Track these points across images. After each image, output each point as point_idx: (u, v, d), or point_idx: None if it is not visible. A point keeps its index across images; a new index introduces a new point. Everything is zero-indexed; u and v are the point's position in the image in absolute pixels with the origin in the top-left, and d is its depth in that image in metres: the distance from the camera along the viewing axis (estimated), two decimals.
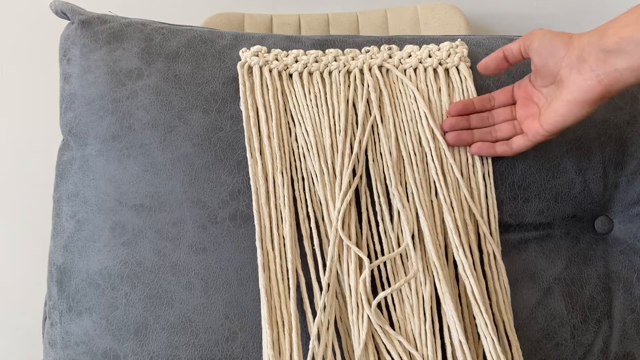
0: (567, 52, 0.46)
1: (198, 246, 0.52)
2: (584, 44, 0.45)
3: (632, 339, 0.55)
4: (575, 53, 0.46)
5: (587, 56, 0.45)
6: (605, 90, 0.45)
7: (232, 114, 0.55)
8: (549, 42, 0.48)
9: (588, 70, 0.45)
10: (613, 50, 0.43)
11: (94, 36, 0.57)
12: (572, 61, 0.46)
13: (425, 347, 0.49)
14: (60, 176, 0.57)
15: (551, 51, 0.47)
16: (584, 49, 0.45)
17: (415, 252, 0.50)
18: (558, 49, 0.47)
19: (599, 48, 0.44)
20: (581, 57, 0.45)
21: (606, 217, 0.58)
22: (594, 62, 0.44)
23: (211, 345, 0.51)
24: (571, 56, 0.46)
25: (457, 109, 0.54)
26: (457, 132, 0.54)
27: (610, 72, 0.44)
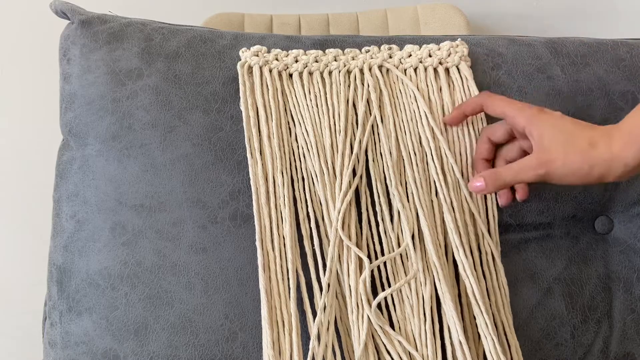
0: (583, 159, 0.45)
1: (198, 246, 0.52)
2: (603, 157, 0.44)
3: (632, 339, 0.55)
4: (586, 142, 0.45)
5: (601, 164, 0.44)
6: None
7: (232, 114, 0.55)
8: (563, 149, 0.46)
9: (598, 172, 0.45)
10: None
11: (93, 36, 0.57)
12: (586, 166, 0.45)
13: (425, 347, 0.49)
14: (60, 176, 0.57)
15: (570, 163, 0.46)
16: (601, 159, 0.44)
17: (415, 252, 0.50)
18: (576, 161, 0.45)
19: (622, 162, 0.44)
20: (591, 145, 0.45)
21: (606, 217, 0.58)
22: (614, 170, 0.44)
23: (211, 345, 0.51)
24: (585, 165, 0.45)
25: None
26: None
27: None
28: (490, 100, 0.51)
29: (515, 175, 0.47)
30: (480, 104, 0.51)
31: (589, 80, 0.58)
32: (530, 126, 0.47)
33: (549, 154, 0.46)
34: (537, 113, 0.47)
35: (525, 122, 0.47)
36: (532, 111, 0.47)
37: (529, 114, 0.47)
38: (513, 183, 0.48)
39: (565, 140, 0.45)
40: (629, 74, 0.58)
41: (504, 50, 0.59)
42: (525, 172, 0.47)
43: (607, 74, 0.58)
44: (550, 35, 0.63)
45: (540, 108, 0.48)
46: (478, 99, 0.52)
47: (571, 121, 0.46)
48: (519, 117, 0.48)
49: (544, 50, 0.59)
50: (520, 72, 0.57)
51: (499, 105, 0.50)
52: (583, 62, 0.58)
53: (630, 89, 0.57)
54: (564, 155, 0.45)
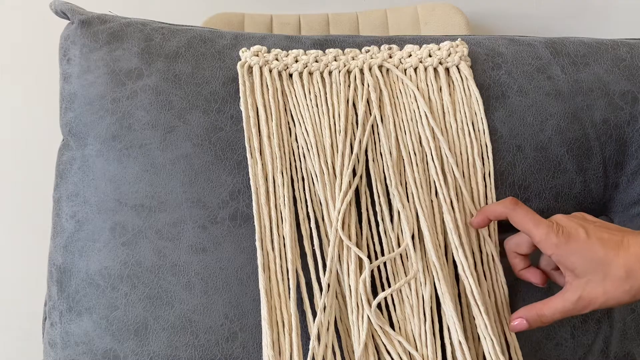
0: (609, 272, 0.43)
1: (198, 246, 0.52)
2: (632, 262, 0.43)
3: (632, 339, 0.55)
4: (623, 273, 0.43)
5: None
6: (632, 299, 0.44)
7: (232, 114, 0.55)
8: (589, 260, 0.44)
9: (628, 287, 0.43)
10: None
11: (93, 36, 0.57)
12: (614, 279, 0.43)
13: (425, 347, 0.49)
14: (60, 176, 0.57)
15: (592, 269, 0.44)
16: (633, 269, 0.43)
17: (415, 252, 0.50)
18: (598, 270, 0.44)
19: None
20: (629, 276, 0.43)
21: (606, 217, 0.58)
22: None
23: (211, 346, 0.51)
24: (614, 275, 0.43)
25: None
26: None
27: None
28: (515, 214, 0.48)
29: (560, 315, 0.46)
30: (506, 215, 0.48)
31: (589, 80, 0.58)
32: (559, 257, 0.45)
33: (588, 293, 0.44)
34: (564, 243, 0.45)
35: (552, 251, 0.45)
36: (558, 239, 0.45)
37: (555, 243, 0.45)
38: (557, 320, 0.47)
39: (601, 274, 0.43)
40: (629, 74, 0.58)
41: (504, 50, 0.59)
42: (568, 311, 0.45)
43: (607, 74, 0.58)
44: (550, 35, 0.63)
45: (565, 231, 0.45)
46: (503, 209, 0.48)
47: (600, 243, 0.44)
48: (544, 244, 0.46)
49: (544, 50, 0.59)
50: (520, 72, 0.57)
51: (524, 223, 0.47)
52: (583, 62, 0.58)
53: (630, 89, 0.57)
54: (603, 293, 0.43)
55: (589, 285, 0.44)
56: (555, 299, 0.46)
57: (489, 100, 0.56)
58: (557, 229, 0.45)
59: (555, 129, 0.56)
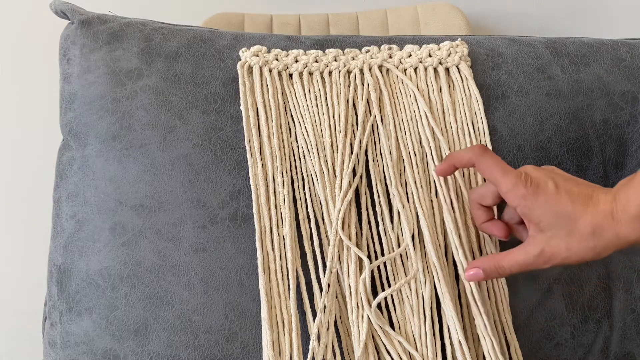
0: (576, 225, 0.42)
1: (198, 246, 0.52)
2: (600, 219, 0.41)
3: (632, 339, 0.55)
4: (589, 229, 0.41)
5: (602, 232, 0.41)
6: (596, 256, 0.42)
7: (232, 114, 0.55)
8: (554, 212, 0.42)
9: (592, 244, 0.42)
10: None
11: (93, 36, 0.57)
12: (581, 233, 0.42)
13: (425, 347, 0.49)
14: (60, 176, 0.57)
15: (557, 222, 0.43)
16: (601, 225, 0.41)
17: (415, 252, 0.50)
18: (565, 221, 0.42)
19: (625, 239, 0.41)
20: (595, 233, 0.41)
21: None
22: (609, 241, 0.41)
23: (211, 346, 0.51)
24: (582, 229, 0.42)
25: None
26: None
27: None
28: (483, 161, 0.46)
29: (519, 268, 0.45)
30: (473, 162, 0.46)
31: (589, 80, 0.58)
32: (525, 210, 0.43)
33: (551, 247, 0.43)
34: (532, 194, 0.43)
35: (518, 203, 0.44)
36: (526, 191, 0.43)
37: (523, 194, 0.43)
38: (515, 273, 0.45)
39: (567, 229, 0.42)
40: (629, 74, 0.58)
41: (504, 50, 0.59)
42: (528, 265, 0.44)
43: (607, 74, 0.58)
44: (550, 35, 0.63)
45: (533, 182, 0.43)
46: (471, 156, 0.46)
47: (568, 196, 0.42)
48: (511, 195, 0.44)
49: (544, 50, 0.59)
50: (520, 72, 0.57)
51: (491, 171, 0.45)
52: (583, 62, 0.58)
53: (630, 89, 0.57)
54: (566, 249, 0.42)
55: (552, 239, 0.43)
56: (515, 250, 0.45)
57: (489, 100, 0.56)
58: (525, 180, 0.43)
59: (555, 129, 0.56)
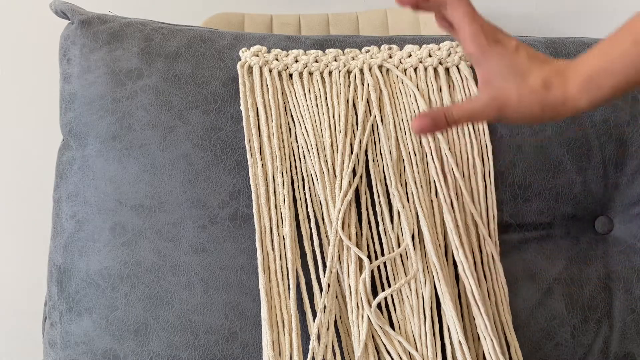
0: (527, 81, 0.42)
1: (198, 246, 0.52)
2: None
3: (632, 339, 0.55)
4: (540, 82, 0.42)
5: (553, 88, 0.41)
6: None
7: (232, 114, 0.55)
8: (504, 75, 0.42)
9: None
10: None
11: (94, 36, 0.57)
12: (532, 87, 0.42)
13: (425, 347, 0.49)
14: (60, 176, 0.57)
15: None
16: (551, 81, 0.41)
17: (415, 252, 0.50)
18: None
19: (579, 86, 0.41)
20: (545, 86, 0.42)
21: (606, 217, 0.58)
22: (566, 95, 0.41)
23: (211, 346, 0.51)
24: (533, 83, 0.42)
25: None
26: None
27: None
28: (453, 4, 0.44)
29: (468, 117, 0.44)
30: (445, 2, 0.44)
31: None
32: (480, 58, 0.43)
33: (502, 94, 0.42)
34: (490, 45, 0.42)
35: (474, 49, 0.43)
36: (486, 41, 0.43)
37: (481, 44, 0.43)
38: (463, 122, 0.45)
39: (518, 79, 0.42)
40: None
41: None
42: (478, 114, 0.44)
43: None
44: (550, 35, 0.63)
45: (495, 37, 0.43)
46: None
47: (526, 55, 0.43)
48: (468, 42, 0.43)
49: (544, 50, 0.59)
50: None
51: (458, 14, 0.43)
52: None
53: None
54: (517, 97, 0.42)
55: (504, 88, 0.42)
56: (466, 100, 0.45)
57: None
58: (488, 32, 0.43)
59: (555, 129, 0.56)
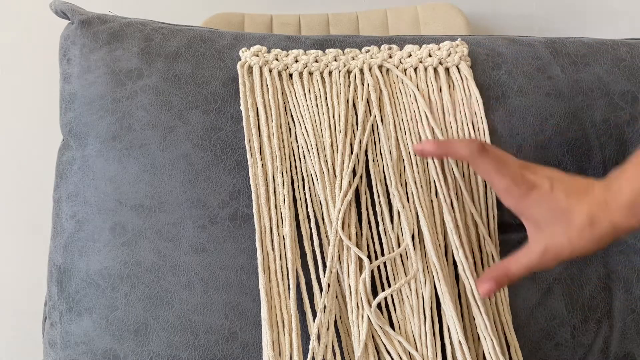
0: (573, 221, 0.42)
1: (198, 246, 0.52)
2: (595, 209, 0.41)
3: (632, 339, 0.55)
4: (586, 220, 0.41)
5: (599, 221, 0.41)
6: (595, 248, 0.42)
7: (232, 114, 0.55)
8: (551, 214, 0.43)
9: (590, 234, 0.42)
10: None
11: (94, 36, 0.57)
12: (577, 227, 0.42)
13: (425, 347, 0.49)
14: (60, 176, 0.57)
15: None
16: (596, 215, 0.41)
17: (415, 252, 0.50)
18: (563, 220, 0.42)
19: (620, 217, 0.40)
20: (592, 223, 0.41)
21: None
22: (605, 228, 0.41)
23: (211, 346, 0.51)
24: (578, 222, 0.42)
25: None
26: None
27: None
28: (479, 162, 0.45)
29: (527, 272, 0.44)
30: (468, 160, 0.46)
31: (589, 80, 0.58)
32: (521, 210, 0.44)
33: (553, 244, 0.42)
34: (526, 195, 0.43)
35: (512, 203, 0.44)
36: (520, 191, 0.44)
37: (517, 195, 0.44)
38: (523, 276, 0.45)
39: (564, 222, 0.42)
40: (629, 74, 0.58)
41: (504, 50, 0.59)
42: (535, 265, 0.44)
43: (607, 74, 0.58)
44: (550, 35, 0.63)
45: (528, 183, 0.44)
46: (467, 153, 0.46)
47: (563, 193, 0.43)
48: (504, 196, 0.45)
49: (544, 50, 0.59)
50: (520, 72, 0.57)
51: (485, 172, 0.45)
52: (583, 62, 0.58)
53: (630, 89, 0.57)
54: (569, 243, 0.42)
55: (553, 236, 0.42)
56: (519, 253, 0.45)
57: (489, 100, 0.56)
58: (520, 182, 0.44)
59: (555, 129, 0.56)
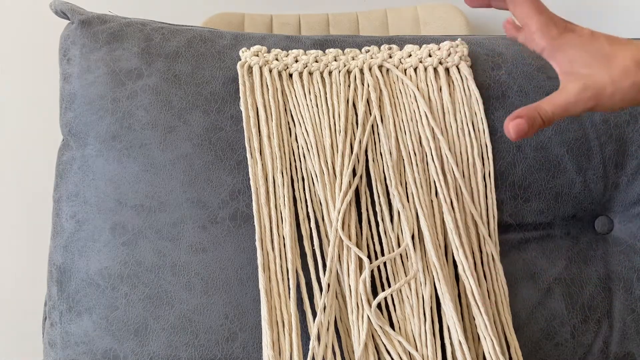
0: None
1: (198, 246, 0.52)
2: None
3: (632, 339, 0.55)
4: (632, 62, 0.39)
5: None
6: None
7: (232, 114, 0.55)
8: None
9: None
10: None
11: (93, 36, 0.57)
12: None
13: (425, 347, 0.49)
14: (60, 176, 0.57)
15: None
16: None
17: (415, 252, 0.50)
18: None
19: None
20: (638, 65, 0.38)
21: (606, 217, 0.58)
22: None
23: (211, 346, 0.51)
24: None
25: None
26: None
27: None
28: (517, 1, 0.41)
29: (563, 112, 0.40)
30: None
31: None
32: (555, 49, 0.40)
33: (593, 82, 0.39)
34: (563, 35, 0.40)
35: (546, 42, 0.40)
36: (557, 30, 0.40)
37: (553, 35, 0.40)
38: (558, 119, 0.40)
39: (605, 63, 0.39)
40: None
41: (504, 50, 0.59)
42: (574, 106, 0.39)
43: None
44: None
45: (566, 27, 0.40)
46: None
47: (605, 39, 0.40)
48: (539, 35, 0.40)
49: None
50: (520, 72, 0.57)
51: (523, 6, 0.41)
52: None
53: None
54: (610, 81, 0.38)
55: (593, 76, 0.39)
56: (553, 94, 0.40)
57: (489, 100, 0.56)
58: (559, 22, 0.41)
59: (555, 129, 0.56)
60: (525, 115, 0.40)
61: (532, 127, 0.40)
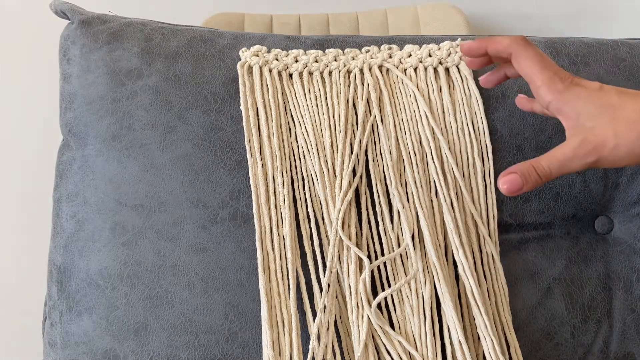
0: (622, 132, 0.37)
1: (198, 246, 0.52)
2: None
3: (632, 339, 0.55)
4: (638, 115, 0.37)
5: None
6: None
7: (232, 114, 0.55)
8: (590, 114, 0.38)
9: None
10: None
11: (93, 36, 0.57)
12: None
13: (425, 347, 0.49)
14: (60, 176, 0.57)
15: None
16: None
17: (415, 252, 0.50)
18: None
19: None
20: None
21: (606, 217, 0.58)
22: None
23: (211, 346, 0.51)
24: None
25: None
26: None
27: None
28: (523, 51, 0.41)
29: (560, 168, 0.39)
30: (510, 50, 0.42)
31: (589, 80, 0.57)
32: (559, 103, 0.39)
33: (594, 135, 0.37)
34: (570, 88, 0.39)
35: (552, 97, 0.39)
36: (563, 84, 0.39)
37: (559, 89, 0.39)
38: (556, 177, 0.39)
39: (610, 115, 0.37)
40: (629, 74, 0.58)
41: None
42: (572, 162, 0.39)
43: (607, 74, 0.58)
44: (550, 35, 0.63)
45: (572, 80, 0.40)
46: (510, 42, 0.41)
47: (615, 91, 0.39)
48: (544, 90, 0.40)
49: (544, 50, 0.59)
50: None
51: (527, 63, 0.41)
52: (583, 62, 0.58)
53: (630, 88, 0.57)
54: (614, 135, 0.37)
55: (595, 129, 0.37)
56: (555, 148, 0.40)
57: (489, 100, 0.56)
58: (565, 75, 0.40)
59: (555, 129, 0.56)
60: (519, 171, 0.40)
61: (527, 183, 0.40)
